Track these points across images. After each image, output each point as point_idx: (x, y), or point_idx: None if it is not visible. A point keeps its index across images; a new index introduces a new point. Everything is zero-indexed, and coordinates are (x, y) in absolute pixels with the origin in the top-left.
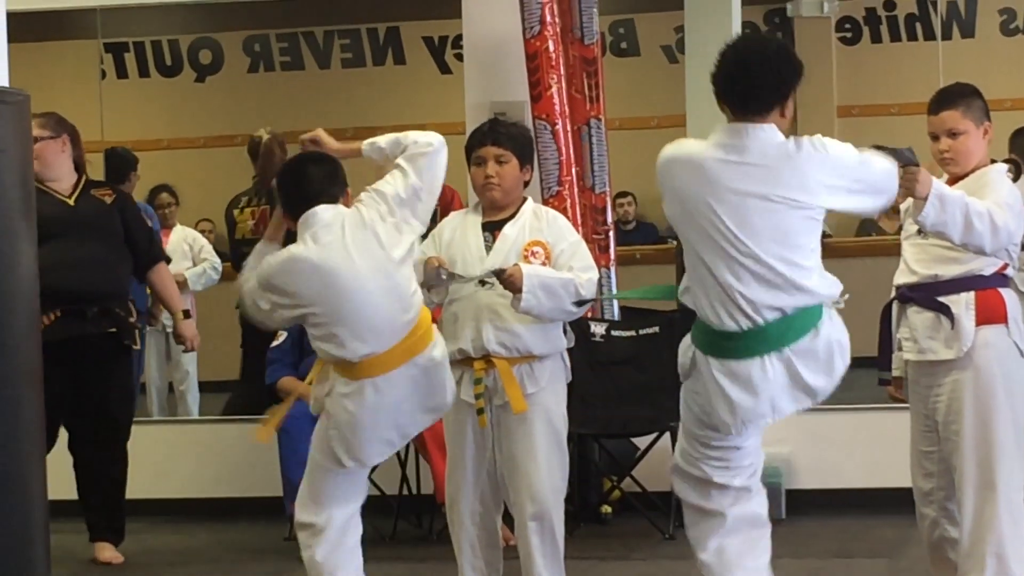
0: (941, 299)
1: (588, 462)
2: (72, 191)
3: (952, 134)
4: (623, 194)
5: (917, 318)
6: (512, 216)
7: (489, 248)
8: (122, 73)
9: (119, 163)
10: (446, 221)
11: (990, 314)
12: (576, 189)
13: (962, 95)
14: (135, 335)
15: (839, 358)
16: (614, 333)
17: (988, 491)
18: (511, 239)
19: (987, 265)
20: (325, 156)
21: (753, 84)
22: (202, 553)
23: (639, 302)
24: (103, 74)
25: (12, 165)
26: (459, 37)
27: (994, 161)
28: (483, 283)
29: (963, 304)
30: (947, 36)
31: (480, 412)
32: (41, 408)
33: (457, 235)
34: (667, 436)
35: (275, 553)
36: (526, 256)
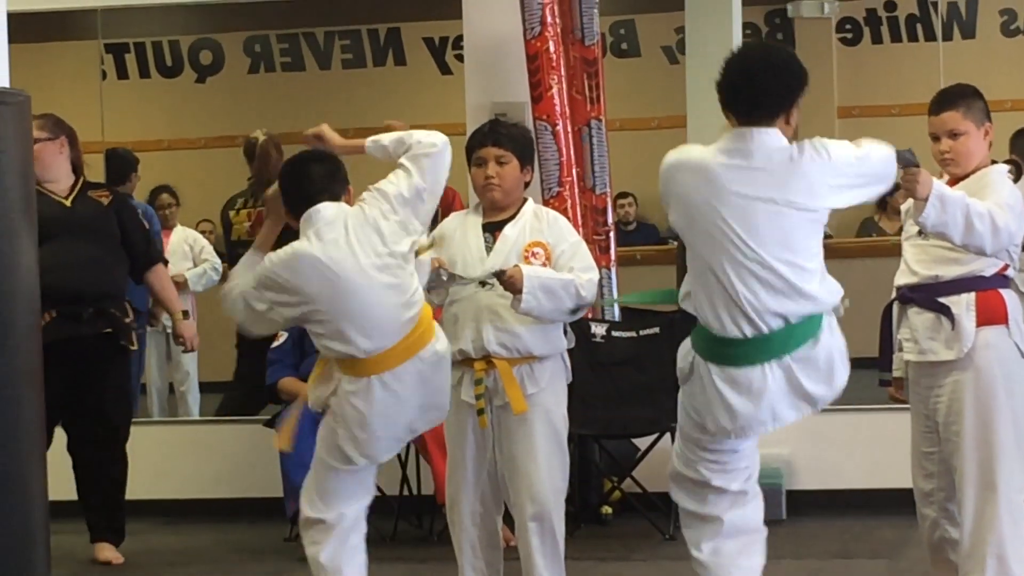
0: (942, 300)
1: (588, 463)
2: (69, 192)
3: (953, 135)
4: (624, 195)
5: (918, 319)
6: (512, 217)
7: (489, 249)
8: (123, 74)
9: (120, 164)
10: (446, 222)
11: (991, 315)
12: (577, 190)
13: (963, 96)
14: (131, 336)
15: (840, 366)
16: (614, 334)
17: (989, 492)
18: (511, 240)
19: (988, 266)
20: (326, 154)
21: (759, 93)
22: (202, 553)
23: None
24: (104, 75)
25: (13, 165)
26: (460, 38)
27: (995, 162)
28: (483, 284)
29: (964, 305)
30: (948, 37)
31: (480, 413)
32: (41, 408)
33: (457, 236)
34: (667, 437)
35: (275, 553)
36: (526, 257)
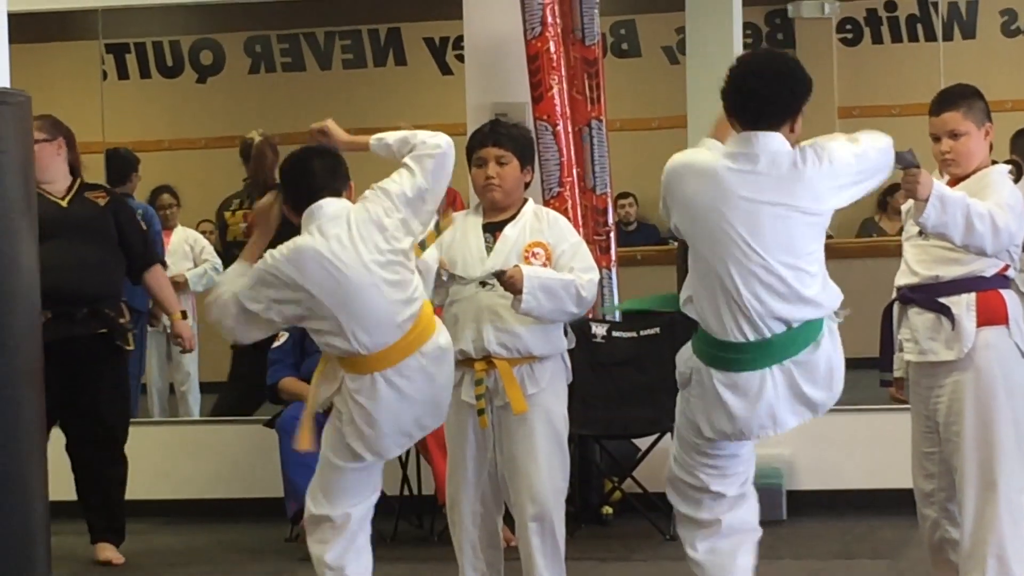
0: (942, 300)
1: (589, 463)
2: (66, 194)
3: (953, 135)
4: (624, 195)
5: (918, 319)
6: (513, 217)
7: (490, 249)
8: (123, 74)
9: (120, 164)
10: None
11: (991, 315)
12: (577, 190)
13: (963, 96)
14: (127, 336)
15: (838, 371)
16: (615, 334)
17: (989, 492)
18: (512, 240)
19: (988, 266)
20: (328, 150)
21: (764, 102)
22: (203, 554)
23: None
24: (104, 75)
25: (13, 166)
26: (460, 38)
27: (995, 162)
28: (484, 284)
29: (964, 305)
30: (948, 37)
31: (481, 413)
32: (42, 408)
33: (458, 236)
34: (668, 437)
35: (275, 554)
36: (527, 257)
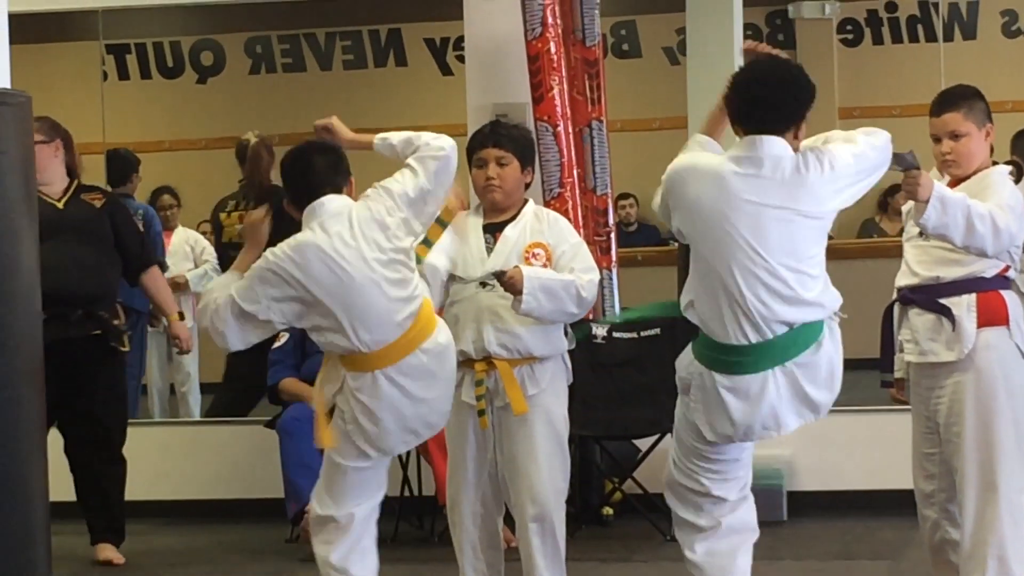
0: (942, 301)
1: (589, 464)
2: (62, 195)
3: (954, 136)
4: (625, 196)
5: (918, 320)
6: (513, 218)
7: (490, 250)
8: (124, 74)
9: (121, 164)
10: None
11: (991, 316)
12: (578, 191)
13: (964, 97)
14: (122, 338)
15: (839, 372)
16: (616, 335)
17: (989, 493)
18: (512, 241)
19: (989, 267)
20: (329, 146)
21: (768, 109)
22: (203, 554)
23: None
24: (104, 75)
25: (14, 166)
26: (461, 39)
27: (996, 163)
28: (484, 285)
29: (964, 306)
30: (949, 38)
31: (481, 413)
32: (42, 408)
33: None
34: (668, 438)
35: (275, 554)
36: (527, 258)
